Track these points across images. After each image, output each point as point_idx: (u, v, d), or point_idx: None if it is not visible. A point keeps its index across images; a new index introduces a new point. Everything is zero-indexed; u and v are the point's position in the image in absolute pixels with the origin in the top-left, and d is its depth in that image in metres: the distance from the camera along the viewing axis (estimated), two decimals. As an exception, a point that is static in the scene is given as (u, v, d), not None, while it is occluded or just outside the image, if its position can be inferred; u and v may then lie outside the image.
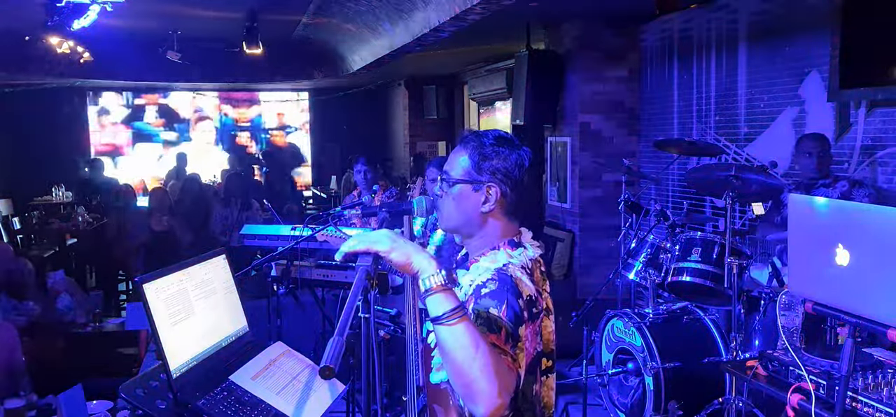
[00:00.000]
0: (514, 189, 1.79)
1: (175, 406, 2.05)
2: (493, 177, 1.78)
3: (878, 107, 4.34)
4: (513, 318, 1.61)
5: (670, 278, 4.19)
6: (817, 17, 4.67)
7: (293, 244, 4.26)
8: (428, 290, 1.54)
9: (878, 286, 1.93)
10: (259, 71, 10.76)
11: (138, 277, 2.11)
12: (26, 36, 8.28)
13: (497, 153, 1.79)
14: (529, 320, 1.65)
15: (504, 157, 1.79)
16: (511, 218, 1.82)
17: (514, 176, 1.79)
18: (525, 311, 1.64)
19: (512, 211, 1.81)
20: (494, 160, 1.79)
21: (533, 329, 1.66)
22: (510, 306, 1.62)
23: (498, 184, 1.78)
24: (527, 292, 1.67)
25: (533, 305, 1.67)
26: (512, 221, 1.82)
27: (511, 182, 1.79)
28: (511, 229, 1.82)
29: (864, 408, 2.18)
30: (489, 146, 1.80)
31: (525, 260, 1.74)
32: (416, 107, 12.62)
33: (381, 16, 6.93)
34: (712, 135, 5.77)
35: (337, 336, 1.64)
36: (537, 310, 1.68)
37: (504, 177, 1.78)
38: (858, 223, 2.01)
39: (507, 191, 1.79)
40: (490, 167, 1.78)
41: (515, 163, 1.80)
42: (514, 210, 1.81)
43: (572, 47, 6.77)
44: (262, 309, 4.54)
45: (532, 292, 1.68)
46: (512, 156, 1.79)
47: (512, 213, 1.82)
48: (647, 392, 4.03)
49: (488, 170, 1.78)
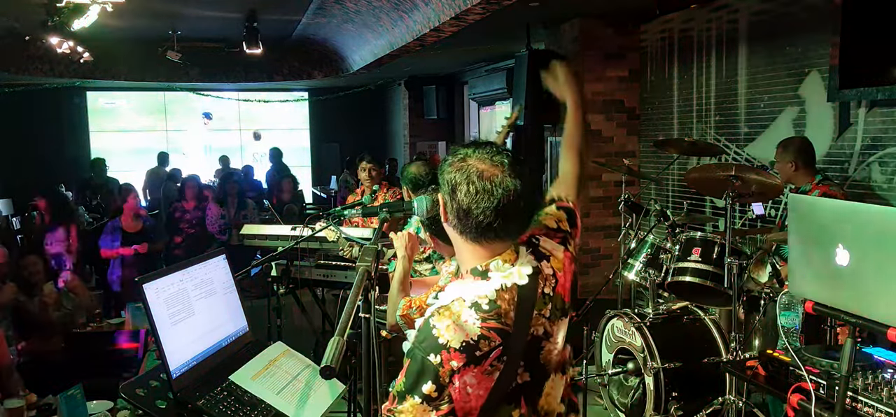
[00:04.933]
0: (454, 197, 1.58)
1: (175, 406, 2.05)
2: (443, 185, 1.61)
3: (878, 107, 4.34)
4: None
5: (670, 278, 4.19)
6: (817, 17, 4.67)
7: (293, 244, 4.26)
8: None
9: (878, 286, 1.93)
10: (259, 71, 10.77)
11: (138, 277, 2.11)
12: (26, 36, 8.28)
13: (446, 164, 1.62)
14: (466, 366, 1.52)
15: (452, 167, 1.60)
16: (476, 241, 1.61)
17: (460, 183, 1.57)
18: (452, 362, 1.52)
19: (474, 230, 1.59)
20: (445, 172, 1.61)
21: (478, 371, 1.53)
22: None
23: (447, 194, 1.60)
24: (457, 343, 1.51)
25: (473, 349, 1.53)
26: (477, 243, 1.61)
27: (450, 189, 1.58)
28: (479, 254, 1.62)
29: (864, 408, 2.18)
30: (456, 147, 1.64)
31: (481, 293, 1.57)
32: (416, 107, 12.62)
33: (381, 15, 6.94)
34: (712, 135, 5.78)
35: (337, 336, 1.64)
36: (483, 352, 1.53)
37: (444, 184, 1.60)
38: (858, 223, 2.01)
39: (449, 199, 1.60)
40: (444, 180, 1.62)
41: (459, 167, 1.59)
42: (474, 229, 1.58)
43: (572, 47, 6.76)
44: (262, 309, 4.54)
45: (470, 336, 1.53)
46: (464, 162, 1.59)
47: (477, 234, 1.59)
48: (647, 392, 4.03)
49: (444, 182, 1.62)
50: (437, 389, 1.50)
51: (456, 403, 1.52)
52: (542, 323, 1.63)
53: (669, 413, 3.92)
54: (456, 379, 1.51)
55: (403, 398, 1.53)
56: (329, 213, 4.45)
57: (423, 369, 1.51)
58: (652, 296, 4.32)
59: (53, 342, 4.65)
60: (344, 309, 1.74)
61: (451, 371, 1.51)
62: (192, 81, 11.14)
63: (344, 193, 10.87)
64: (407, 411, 1.52)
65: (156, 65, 9.89)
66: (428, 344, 1.52)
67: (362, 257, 1.92)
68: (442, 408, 1.51)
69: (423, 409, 1.51)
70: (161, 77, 10.41)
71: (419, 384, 1.51)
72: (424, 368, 1.51)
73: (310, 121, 14.82)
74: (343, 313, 1.72)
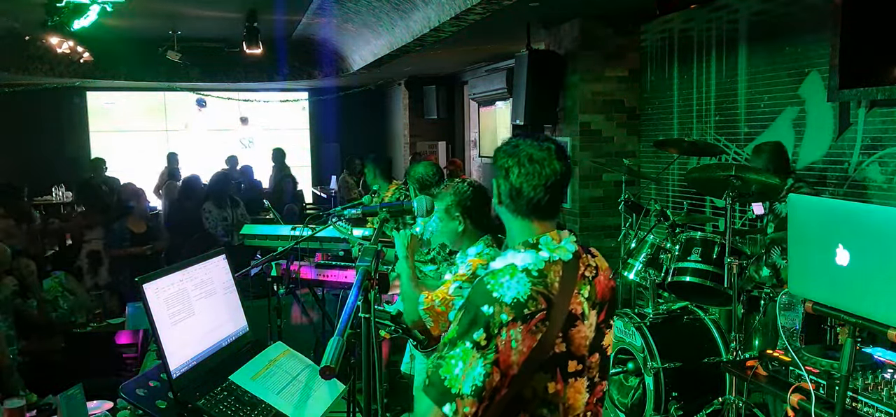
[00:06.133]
0: (507, 179, 1.80)
1: (175, 406, 2.05)
2: (497, 171, 1.83)
3: (878, 107, 4.34)
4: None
5: (670, 278, 4.19)
6: (817, 17, 4.67)
7: (293, 244, 4.26)
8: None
9: (878, 286, 1.93)
10: (259, 71, 10.77)
11: (138, 277, 2.11)
12: (26, 36, 8.28)
13: (500, 152, 1.85)
14: (514, 321, 1.66)
15: (505, 153, 1.82)
16: (527, 217, 1.82)
17: (512, 167, 1.80)
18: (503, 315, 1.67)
19: (525, 208, 1.81)
20: (499, 159, 1.84)
21: (525, 329, 1.67)
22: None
23: (501, 178, 1.82)
24: (509, 298, 1.67)
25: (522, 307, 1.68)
26: (528, 220, 1.82)
27: (504, 172, 1.81)
28: (528, 229, 1.82)
29: (865, 408, 2.18)
30: (501, 147, 1.85)
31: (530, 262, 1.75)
32: (416, 107, 12.61)
33: (382, 15, 6.94)
34: (712, 135, 5.78)
35: (337, 336, 1.65)
36: (531, 312, 1.68)
37: (498, 169, 1.82)
38: (858, 223, 2.01)
39: (503, 182, 1.81)
40: (498, 165, 1.84)
41: (511, 153, 1.81)
42: (526, 206, 1.80)
43: (572, 47, 6.76)
44: (262, 309, 4.54)
45: (519, 295, 1.68)
46: (516, 148, 1.81)
47: (539, 212, 1.81)
48: (647, 392, 4.03)
49: (497, 168, 1.84)
50: (486, 338, 1.65)
51: (500, 354, 1.65)
52: (579, 301, 1.79)
53: (669, 413, 3.92)
54: (504, 331, 1.65)
55: (454, 344, 1.68)
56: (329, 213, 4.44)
57: (476, 318, 1.67)
58: (652, 296, 4.32)
59: (53, 342, 4.66)
60: (344, 309, 1.74)
61: (501, 323, 1.65)
62: (192, 81, 11.14)
63: (344, 193, 10.87)
64: (457, 356, 1.66)
65: (156, 65, 9.88)
66: (482, 296, 1.69)
67: (362, 257, 1.92)
68: (489, 357, 1.65)
69: (472, 355, 1.65)
70: (161, 77, 10.40)
71: (471, 331, 1.66)
72: (477, 317, 1.67)
73: (310, 121, 14.82)
74: (343, 313, 1.72)
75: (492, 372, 1.64)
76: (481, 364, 1.64)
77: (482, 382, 1.63)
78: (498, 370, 1.65)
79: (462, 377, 1.64)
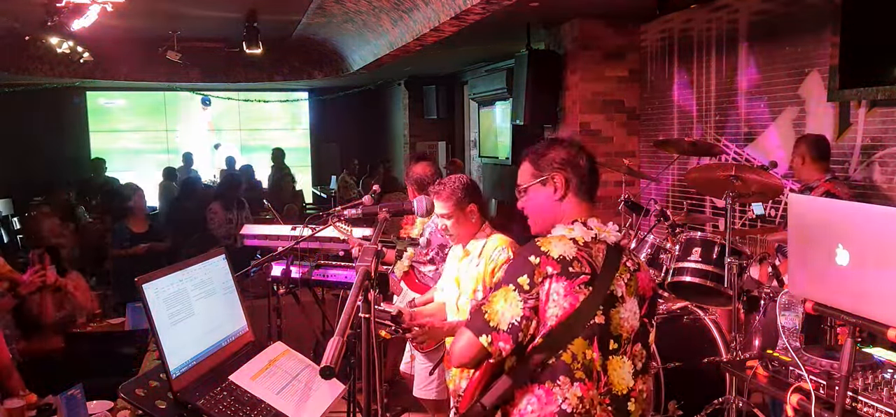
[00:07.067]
0: (576, 171, 2.03)
1: (175, 405, 2.05)
2: (552, 166, 2.03)
3: (878, 107, 4.34)
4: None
5: (670, 278, 4.19)
6: (817, 17, 4.67)
7: (293, 244, 4.26)
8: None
9: (878, 286, 1.93)
10: (259, 71, 10.76)
11: (138, 277, 2.11)
12: (26, 36, 8.27)
13: (550, 148, 2.06)
14: (559, 275, 1.84)
15: (557, 149, 2.05)
16: (583, 199, 2.04)
17: (572, 160, 2.03)
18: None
19: (583, 191, 2.03)
20: (549, 153, 2.04)
21: (568, 284, 1.83)
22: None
23: (559, 171, 2.02)
24: (556, 253, 1.86)
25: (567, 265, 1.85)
26: (584, 201, 2.04)
27: (570, 166, 2.02)
28: (581, 210, 2.03)
29: (865, 408, 2.18)
30: (542, 147, 2.07)
31: (576, 233, 1.94)
32: (416, 107, 12.61)
33: (381, 15, 6.93)
34: (712, 135, 5.77)
35: (337, 336, 1.65)
36: (575, 271, 1.84)
37: (561, 165, 2.02)
38: (858, 223, 2.01)
39: (570, 175, 2.02)
40: (548, 161, 2.03)
41: (568, 149, 2.05)
42: (586, 190, 2.04)
43: (572, 47, 6.76)
44: (262, 309, 4.53)
45: (566, 254, 1.86)
46: (563, 146, 2.06)
47: (584, 194, 2.03)
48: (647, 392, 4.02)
49: (548, 165, 2.03)
50: (529, 284, 1.83)
51: (540, 304, 1.82)
52: (621, 285, 1.93)
53: (669, 413, 3.92)
54: (547, 283, 1.83)
55: (498, 287, 1.87)
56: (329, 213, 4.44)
57: (522, 265, 1.85)
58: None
59: (53, 342, 4.64)
60: (344, 309, 1.74)
61: (546, 274, 1.83)
62: (192, 81, 11.13)
63: (344, 193, 10.87)
64: (499, 295, 1.85)
65: (156, 65, 9.87)
66: (531, 249, 1.88)
67: (362, 257, 1.93)
68: (529, 303, 1.82)
69: (514, 297, 1.82)
70: (161, 77, 10.40)
71: (515, 276, 1.84)
72: (523, 265, 1.85)
73: (310, 121, 14.82)
74: (343, 313, 1.73)
75: (530, 317, 1.81)
76: (521, 306, 1.81)
77: (519, 321, 1.80)
78: (535, 317, 1.81)
79: (501, 313, 1.81)
